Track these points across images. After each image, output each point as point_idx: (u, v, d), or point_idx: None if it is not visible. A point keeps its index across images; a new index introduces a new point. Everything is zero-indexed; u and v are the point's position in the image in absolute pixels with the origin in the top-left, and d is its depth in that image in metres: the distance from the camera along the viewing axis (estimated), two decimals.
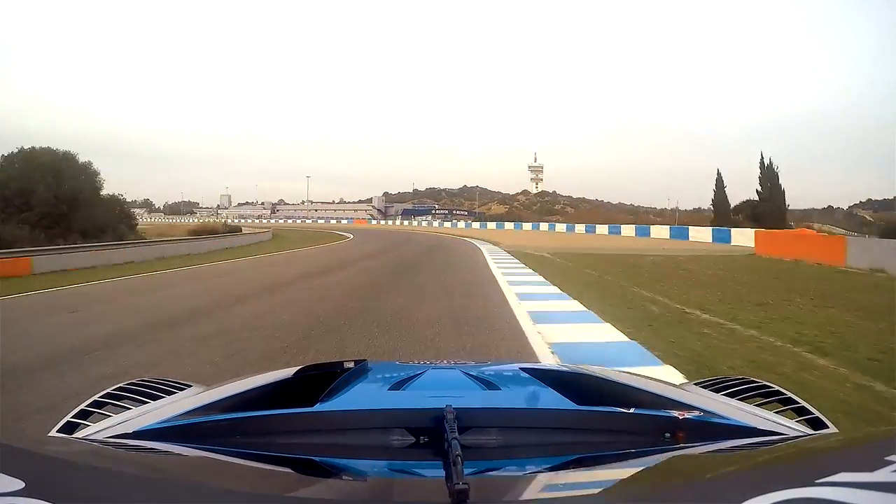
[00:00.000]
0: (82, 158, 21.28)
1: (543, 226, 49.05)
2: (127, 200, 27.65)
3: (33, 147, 20.45)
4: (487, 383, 0.96)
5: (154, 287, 9.39)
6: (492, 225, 56.27)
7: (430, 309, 6.50)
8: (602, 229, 36.92)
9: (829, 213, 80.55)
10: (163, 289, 9.19)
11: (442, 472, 0.59)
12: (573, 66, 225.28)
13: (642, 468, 0.70)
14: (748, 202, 41.91)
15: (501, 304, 7.00)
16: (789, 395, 1.04)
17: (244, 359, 4.29)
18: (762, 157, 40.16)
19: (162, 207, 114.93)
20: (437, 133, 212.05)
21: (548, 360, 4.01)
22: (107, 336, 5.15)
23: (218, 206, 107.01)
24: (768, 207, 38.14)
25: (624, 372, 1.15)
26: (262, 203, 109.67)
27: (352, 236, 32.12)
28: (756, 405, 1.00)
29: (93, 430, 0.90)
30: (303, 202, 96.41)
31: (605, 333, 5.15)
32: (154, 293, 8.61)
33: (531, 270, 11.14)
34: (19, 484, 0.45)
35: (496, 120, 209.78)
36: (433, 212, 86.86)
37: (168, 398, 1.04)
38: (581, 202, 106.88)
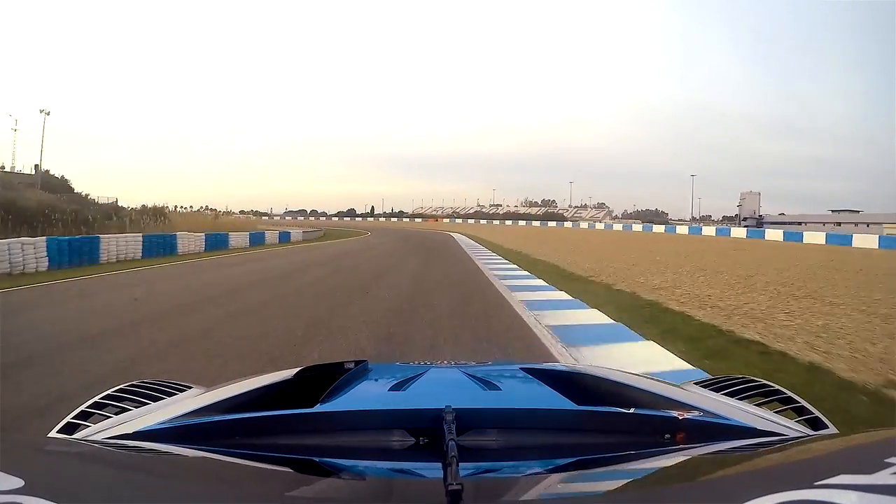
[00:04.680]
0: None
1: None
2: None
3: None
4: (488, 383, 0.95)
5: None
6: None
7: None
8: None
9: None
10: None
11: (441, 473, 0.59)
12: None
13: (642, 469, 0.70)
14: None
15: None
16: (789, 394, 1.05)
17: None
18: None
19: (621, 215, 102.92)
20: None
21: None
22: None
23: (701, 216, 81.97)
24: None
25: (624, 372, 1.15)
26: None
27: None
28: (756, 405, 1.00)
29: (93, 430, 0.90)
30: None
31: None
32: None
33: None
34: (19, 482, 0.46)
35: None
36: None
37: (168, 399, 1.04)
38: None
